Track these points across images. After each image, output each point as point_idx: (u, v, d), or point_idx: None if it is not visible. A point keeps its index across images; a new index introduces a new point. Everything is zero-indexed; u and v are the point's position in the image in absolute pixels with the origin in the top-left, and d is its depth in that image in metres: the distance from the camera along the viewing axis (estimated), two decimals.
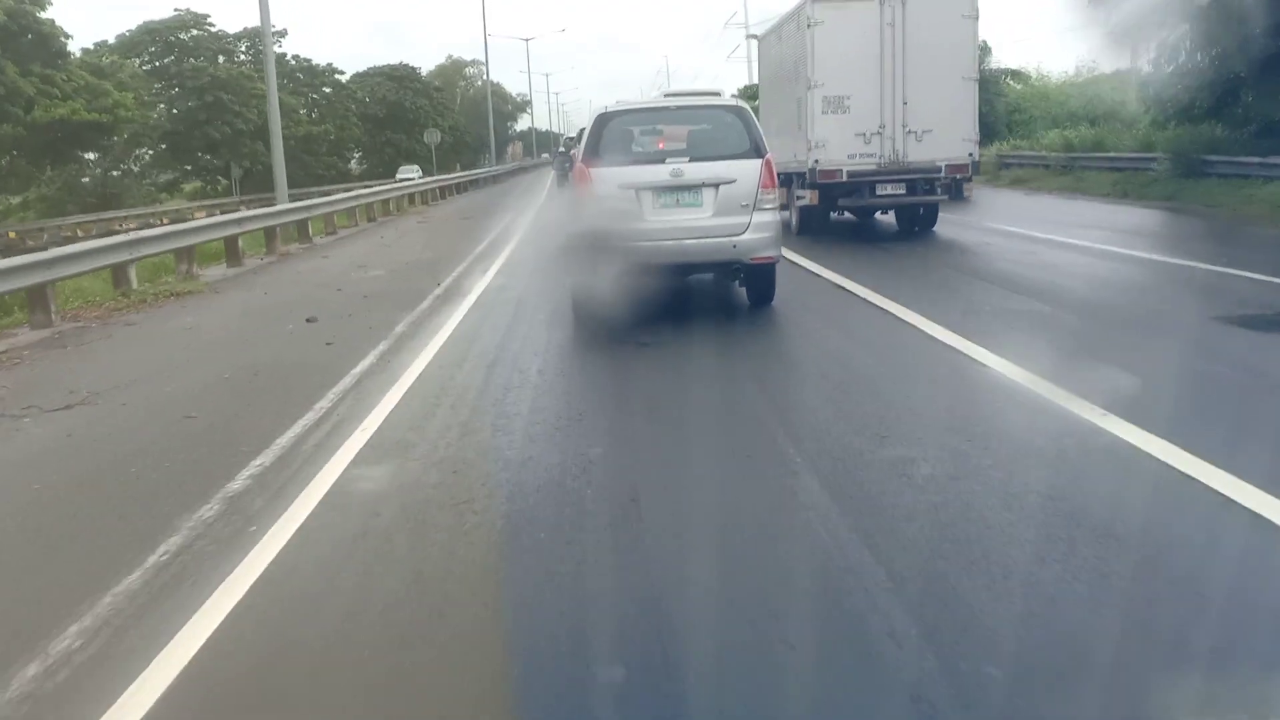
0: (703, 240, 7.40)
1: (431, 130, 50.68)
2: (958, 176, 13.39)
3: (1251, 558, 3.17)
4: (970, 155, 13.00)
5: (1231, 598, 2.87)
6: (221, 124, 46.81)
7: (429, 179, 37.45)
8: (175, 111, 48.17)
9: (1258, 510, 3.40)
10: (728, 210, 7.36)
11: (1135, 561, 3.13)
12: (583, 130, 10.61)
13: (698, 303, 8.53)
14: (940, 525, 3.46)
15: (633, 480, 4.17)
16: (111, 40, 48.23)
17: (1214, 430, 4.36)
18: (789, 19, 14.31)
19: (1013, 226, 13.93)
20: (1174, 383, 5.28)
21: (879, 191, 13.04)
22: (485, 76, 70.39)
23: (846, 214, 14.05)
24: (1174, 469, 3.85)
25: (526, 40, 75.47)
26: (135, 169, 45.38)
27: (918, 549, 3.30)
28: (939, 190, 13.43)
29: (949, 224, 14.10)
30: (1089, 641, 2.68)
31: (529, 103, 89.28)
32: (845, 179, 12.90)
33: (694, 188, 7.36)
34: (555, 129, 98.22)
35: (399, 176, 45.17)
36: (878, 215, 14.65)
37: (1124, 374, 5.27)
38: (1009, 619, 2.81)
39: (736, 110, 7.95)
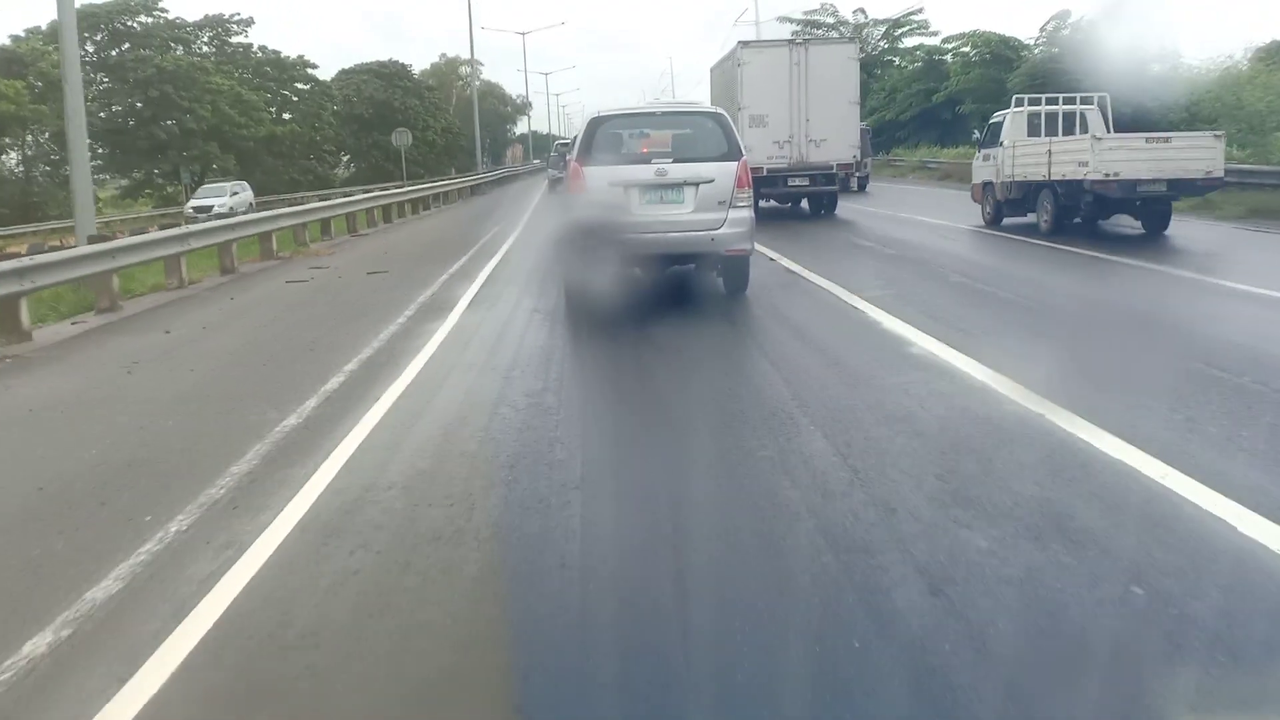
0: (684, 233, 8.11)
1: (400, 131, 40.24)
2: (845, 173, 18.76)
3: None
4: (854, 157, 18.51)
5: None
6: (169, 122, 42.66)
7: (373, 193, 26.91)
8: (116, 108, 43.49)
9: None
10: (706, 206, 8.07)
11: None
12: (577, 136, 12.36)
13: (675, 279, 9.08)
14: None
15: None
16: (44, 26, 40.22)
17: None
18: (728, 58, 19.66)
19: None
20: None
21: (790, 183, 18.35)
22: (472, 70, 65.18)
23: (772, 201, 19.15)
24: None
25: (523, 34, 70.92)
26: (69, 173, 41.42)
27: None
28: (835, 182, 18.75)
29: None
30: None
31: (529, 104, 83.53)
32: (766, 174, 17.95)
33: (677, 186, 8.07)
34: (556, 131, 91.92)
35: (190, 205, 31.66)
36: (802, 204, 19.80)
37: None
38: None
39: (716, 117, 8.75)
